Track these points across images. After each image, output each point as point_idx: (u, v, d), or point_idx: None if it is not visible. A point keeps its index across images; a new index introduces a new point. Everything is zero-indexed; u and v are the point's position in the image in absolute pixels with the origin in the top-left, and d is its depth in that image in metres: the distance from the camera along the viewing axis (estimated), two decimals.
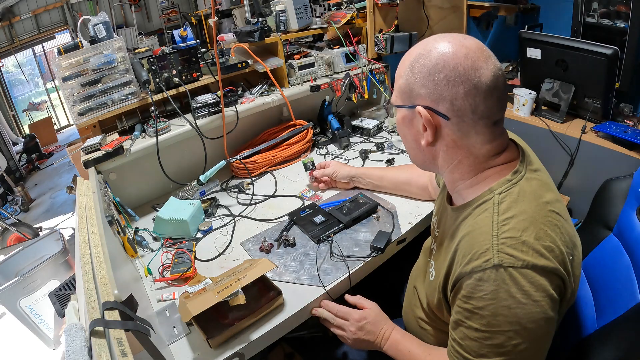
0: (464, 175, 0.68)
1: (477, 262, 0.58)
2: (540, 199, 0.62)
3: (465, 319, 0.61)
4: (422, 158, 0.72)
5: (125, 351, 0.49)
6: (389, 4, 1.65)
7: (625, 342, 0.69)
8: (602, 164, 1.44)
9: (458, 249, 0.64)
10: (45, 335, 1.88)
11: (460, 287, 0.62)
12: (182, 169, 1.42)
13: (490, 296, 0.57)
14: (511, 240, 0.57)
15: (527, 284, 0.56)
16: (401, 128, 0.72)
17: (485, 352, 0.59)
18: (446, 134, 0.64)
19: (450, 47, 0.61)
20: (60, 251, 1.93)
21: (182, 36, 1.41)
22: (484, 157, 0.66)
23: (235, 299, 0.79)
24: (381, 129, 1.75)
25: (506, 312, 0.56)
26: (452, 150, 0.66)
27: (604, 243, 0.87)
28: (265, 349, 0.86)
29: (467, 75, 0.59)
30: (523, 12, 2.54)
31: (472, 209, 0.65)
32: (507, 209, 0.60)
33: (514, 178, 0.63)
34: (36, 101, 6.68)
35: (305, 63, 1.62)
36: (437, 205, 0.87)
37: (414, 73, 0.63)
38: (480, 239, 0.60)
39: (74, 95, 1.24)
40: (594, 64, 1.44)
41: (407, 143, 0.73)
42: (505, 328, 0.57)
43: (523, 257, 0.56)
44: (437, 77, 0.60)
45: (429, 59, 0.62)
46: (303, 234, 1.11)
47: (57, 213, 3.83)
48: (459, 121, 0.62)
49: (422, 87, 0.62)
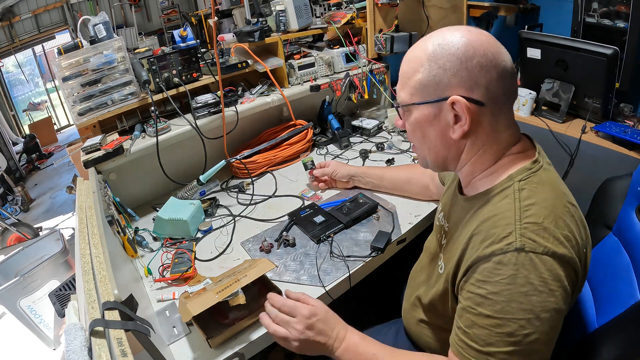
0: (484, 164, 0.68)
1: (499, 245, 0.58)
2: (558, 190, 0.63)
3: (476, 306, 0.60)
4: (444, 155, 0.70)
5: (125, 351, 0.49)
6: (389, 4, 1.65)
7: (625, 341, 0.69)
8: (602, 164, 1.43)
9: (475, 234, 0.63)
10: (45, 335, 1.89)
11: (475, 271, 0.61)
12: (182, 169, 1.42)
13: (507, 281, 0.57)
14: (533, 225, 0.57)
15: (546, 271, 0.56)
16: (420, 127, 0.68)
17: (494, 340, 0.58)
18: (481, 120, 0.64)
19: (471, 36, 0.61)
20: (60, 251, 1.93)
21: (182, 36, 1.41)
22: (504, 144, 0.66)
23: (235, 299, 0.79)
24: (381, 129, 1.75)
25: (522, 299, 0.56)
26: (480, 138, 0.66)
27: (604, 242, 0.87)
28: (265, 349, 0.86)
29: (496, 59, 0.60)
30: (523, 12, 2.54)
31: (491, 197, 0.65)
32: (529, 197, 0.61)
33: (533, 167, 0.64)
34: (36, 101, 6.68)
35: (305, 63, 1.63)
36: (445, 199, 0.86)
37: (439, 64, 0.62)
38: (502, 222, 0.60)
39: (74, 95, 1.24)
40: (594, 64, 1.44)
41: (427, 142, 0.69)
42: (518, 316, 0.56)
43: (544, 244, 0.56)
44: (469, 65, 0.60)
45: (455, 48, 0.61)
46: (303, 234, 1.11)
47: (57, 213, 3.83)
48: (493, 105, 0.62)
49: (454, 76, 0.61)
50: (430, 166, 0.75)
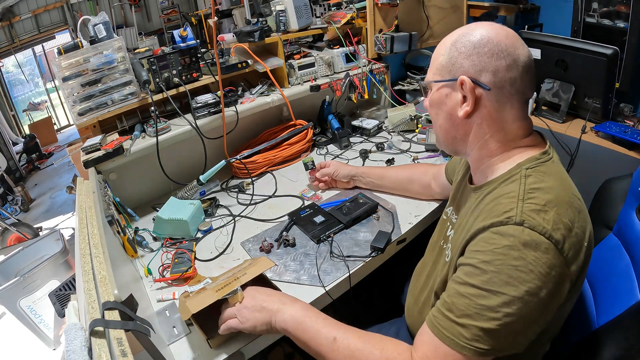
0: (492, 152, 0.70)
1: (499, 218, 0.59)
2: (565, 182, 0.64)
3: (464, 275, 0.60)
4: (453, 134, 0.73)
5: (125, 351, 0.49)
6: (389, 4, 1.65)
7: (625, 341, 0.69)
8: (602, 164, 1.43)
9: (479, 214, 0.64)
10: (45, 335, 1.89)
11: (471, 244, 0.62)
12: (182, 169, 1.42)
13: (501, 251, 0.57)
14: (536, 206, 0.58)
15: (541, 254, 0.55)
16: (435, 106, 0.74)
17: (473, 312, 0.57)
18: (485, 104, 0.67)
19: (493, 29, 0.67)
20: (60, 251, 1.93)
21: (182, 36, 1.41)
22: (513, 135, 0.69)
23: (234, 296, 0.79)
24: (381, 129, 1.75)
25: (511, 272, 0.56)
26: (486, 123, 0.69)
27: (604, 242, 0.87)
28: (265, 349, 0.86)
29: (509, 50, 0.64)
30: (523, 12, 2.55)
31: (498, 184, 0.67)
32: (535, 182, 0.62)
33: (542, 158, 0.66)
34: (36, 101, 6.68)
35: (305, 63, 1.63)
36: (453, 193, 0.88)
37: (457, 48, 0.68)
38: (505, 201, 0.61)
39: (74, 95, 1.24)
40: (594, 64, 1.44)
41: (439, 120, 0.75)
42: (504, 290, 0.56)
43: (544, 225, 0.56)
44: (481, 51, 0.65)
45: (472, 36, 0.66)
46: (303, 234, 1.11)
47: (57, 213, 3.83)
48: (498, 92, 0.66)
49: (466, 59, 0.66)
50: (442, 145, 0.79)
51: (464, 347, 0.58)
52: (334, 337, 0.69)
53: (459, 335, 0.58)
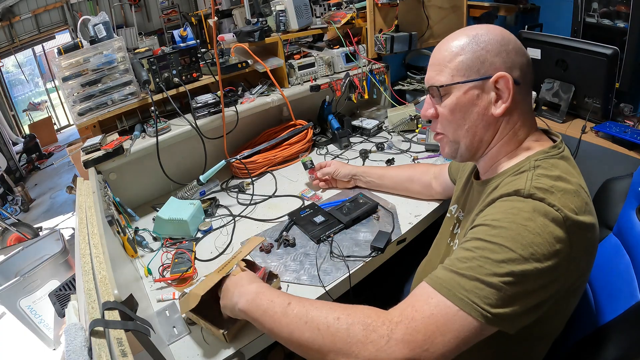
0: (510, 146, 0.71)
1: (507, 191, 0.61)
2: (573, 177, 0.64)
3: (472, 234, 0.60)
4: (481, 136, 0.71)
5: (125, 351, 0.49)
6: (389, 4, 1.65)
7: (625, 341, 0.69)
8: (602, 164, 1.43)
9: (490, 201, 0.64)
10: (45, 335, 1.88)
11: (479, 214, 0.63)
12: (182, 169, 1.42)
13: (512, 211, 0.58)
14: (545, 185, 0.59)
15: (549, 222, 0.55)
16: (461, 110, 0.69)
17: (475, 265, 0.55)
18: (518, 99, 0.68)
19: (501, 29, 0.69)
20: (60, 251, 1.93)
21: (182, 36, 1.41)
22: (528, 127, 0.71)
23: (236, 270, 0.82)
24: (381, 129, 1.75)
25: (520, 231, 0.55)
26: (514, 117, 0.70)
27: (604, 242, 0.87)
28: (265, 348, 0.86)
29: (523, 49, 0.69)
30: (523, 12, 2.54)
31: (507, 176, 0.67)
32: (543, 171, 0.63)
33: (551, 151, 0.67)
34: (36, 101, 6.68)
35: (305, 63, 1.63)
36: (457, 193, 0.88)
37: (482, 46, 0.67)
38: (515, 183, 0.62)
39: (74, 95, 1.24)
40: (594, 64, 1.44)
41: (468, 123, 0.70)
42: (510, 245, 0.54)
43: (551, 200, 0.57)
44: (507, 48, 0.67)
45: (494, 34, 0.68)
46: (303, 234, 1.11)
47: (57, 213, 3.83)
48: (526, 87, 0.69)
49: (496, 56, 0.67)
50: (461, 153, 0.75)
51: (461, 300, 0.53)
52: (289, 302, 0.65)
53: (457, 286, 0.55)
